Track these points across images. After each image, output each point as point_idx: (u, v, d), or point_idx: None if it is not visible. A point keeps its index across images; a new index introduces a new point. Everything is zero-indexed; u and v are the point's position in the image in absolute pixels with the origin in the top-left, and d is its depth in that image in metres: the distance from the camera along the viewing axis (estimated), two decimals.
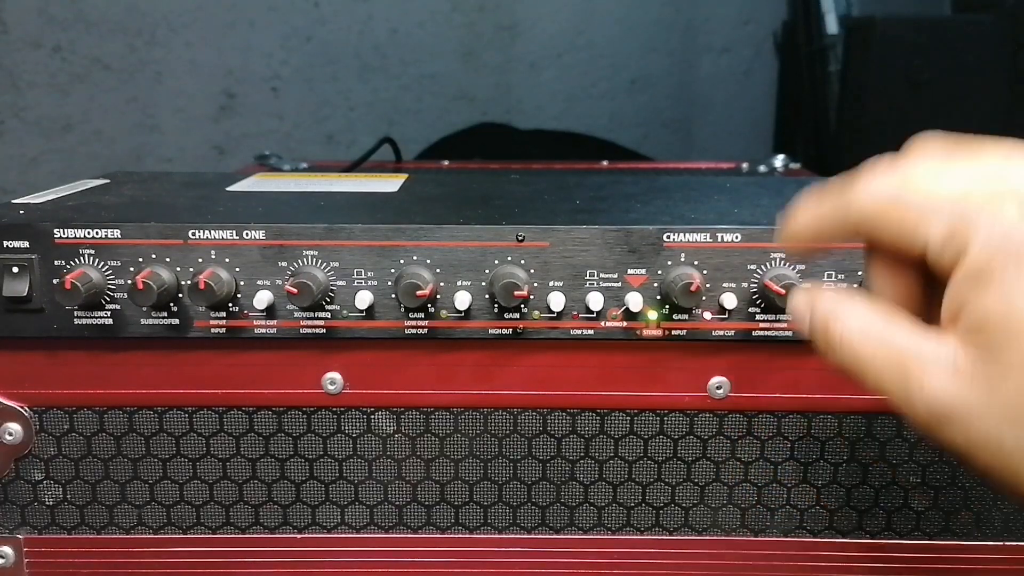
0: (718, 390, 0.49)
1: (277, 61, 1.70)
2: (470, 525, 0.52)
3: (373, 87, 1.74)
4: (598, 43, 1.76)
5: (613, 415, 0.50)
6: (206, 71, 1.69)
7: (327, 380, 0.49)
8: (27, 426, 0.50)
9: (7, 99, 1.65)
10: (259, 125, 1.73)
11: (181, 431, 0.51)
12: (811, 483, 0.51)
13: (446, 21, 1.72)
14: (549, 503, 0.52)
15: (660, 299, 0.47)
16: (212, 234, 0.46)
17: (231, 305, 0.47)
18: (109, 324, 0.47)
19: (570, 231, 0.46)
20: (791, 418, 0.50)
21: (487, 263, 0.47)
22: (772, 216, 0.49)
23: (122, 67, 1.67)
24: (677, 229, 0.46)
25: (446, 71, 1.74)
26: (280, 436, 0.51)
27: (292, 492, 0.52)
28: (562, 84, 1.77)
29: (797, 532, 0.52)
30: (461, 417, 0.51)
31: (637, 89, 1.79)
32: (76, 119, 1.68)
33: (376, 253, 0.46)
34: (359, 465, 0.51)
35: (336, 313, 0.47)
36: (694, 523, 0.52)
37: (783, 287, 0.45)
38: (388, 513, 0.52)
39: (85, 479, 0.51)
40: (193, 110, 1.70)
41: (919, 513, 0.52)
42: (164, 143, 1.71)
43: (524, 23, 1.75)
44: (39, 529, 0.52)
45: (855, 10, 1.36)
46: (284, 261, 0.46)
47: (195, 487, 0.52)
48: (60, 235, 0.46)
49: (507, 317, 0.47)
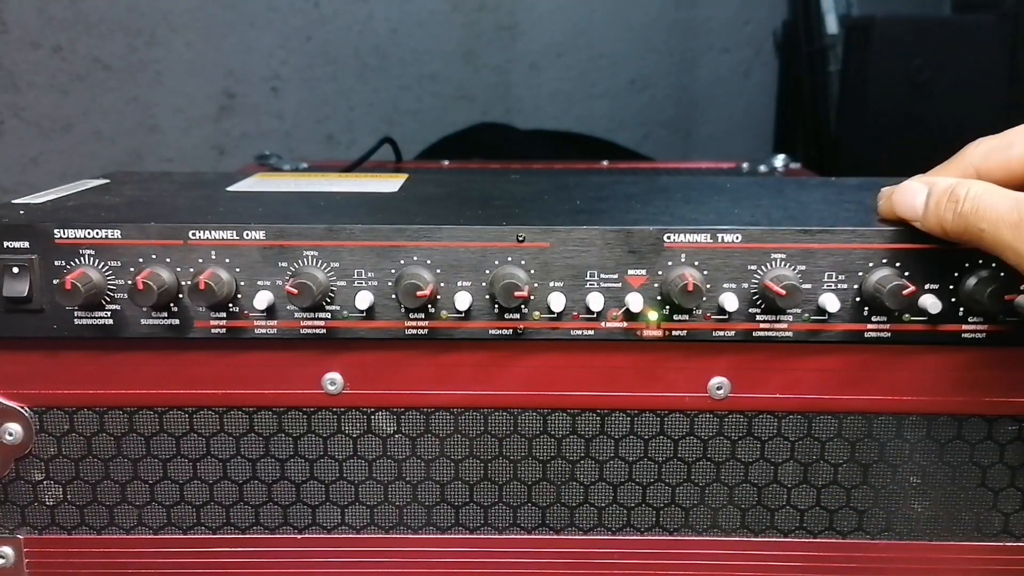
0: (718, 390, 0.49)
1: (277, 61, 1.70)
2: (470, 526, 0.52)
3: (373, 87, 1.74)
4: (598, 43, 1.76)
5: (613, 415, 0.50)
6: (206, 71, 1.69)
7: (327, 380, 0.49)
8: (27, 426, 0.50)
9: (7, 99, 1.65)
10: (259, 125, 1.73)
11: (181, 431, 0.51)
12: (811, 483, 0.51)
13: (446, 21, 1.72)
14: (549, 503, 0.52)
15: (660, 300, 0.47)
16: (212, 234, 0.46)
17: (231, 305, 0.47)
18: (109, 324, 0.47)
19: (570, 231, 0.46)
20: (791, 418, 0.50)
21: (487, 263, 0.47)
22: (772, 216, 0.49)
23: (122, 67, 1.66)
24: (677, 229, 0.46)
25: (446, 71, 1.74)
26: (280, 436, 0.51)
27: (292, 492, 0.52)
28: (562, 84, 1.77)
29: (797, 532, 0.52)
30: (461, 417, 0.51)
31: (637, 89, 1.79)
32: (76, 119, 1.68)
33: (376, 253, 0.46)
34: (359, 465, 0.51)
35: (336, 313, 0.47)
36: (694, 523, 0.52)
37: (783, 287, 0.45)
38: (388, 513, 0.52)
39: (85, 479, 0.51)
40: (193, 110, 1.70)
41: (919, 513, 0.52)
42: (164, 143, 1.71)
43: (524, 23, 1.75)
44: (39, 529, 0.52)
45: (855, 10, 1.36)
46: (284, 261, 0.46)
47: (195, 487, 0.52)
48: (60, 235, 0.46)
49: (507, 318, 0.47)
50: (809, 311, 0.47)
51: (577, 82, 1.78)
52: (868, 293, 0.46)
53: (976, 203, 0.40)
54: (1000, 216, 0.39)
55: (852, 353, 0.48)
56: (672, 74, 1.80)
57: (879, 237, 0.46)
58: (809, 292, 0.46)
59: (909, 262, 0.46)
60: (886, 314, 0.47)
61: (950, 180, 0.42)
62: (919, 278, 0.45)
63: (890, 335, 0.47)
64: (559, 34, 1.75)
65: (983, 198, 0.40)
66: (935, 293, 0.46)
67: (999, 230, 0.39)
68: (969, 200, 0.40)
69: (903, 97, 1.18)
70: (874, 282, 0.46)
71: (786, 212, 0.51)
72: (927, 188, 0.42)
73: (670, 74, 1.80)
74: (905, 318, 0.47)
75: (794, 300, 0.45)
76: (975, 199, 0.40)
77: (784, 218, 0.48)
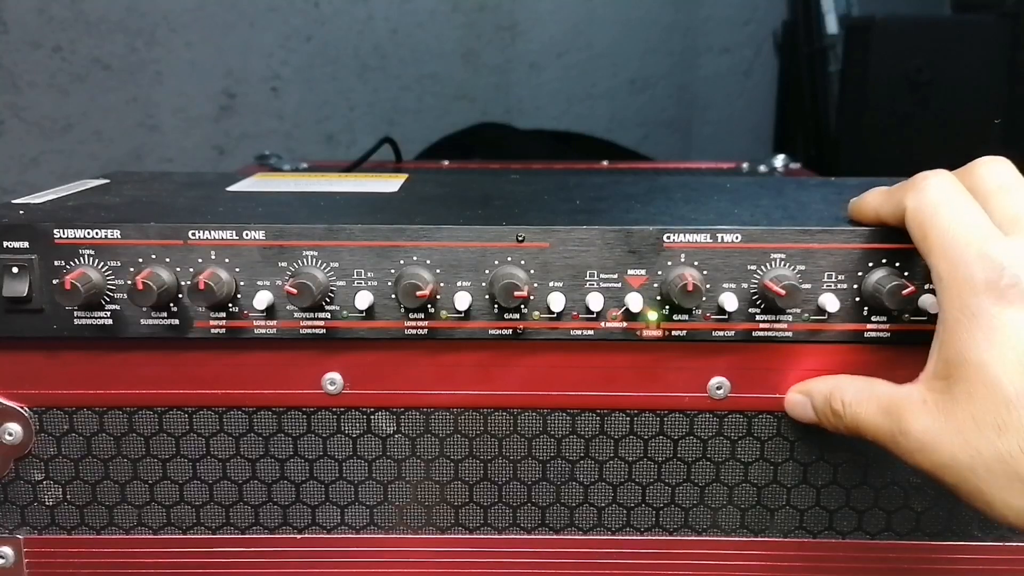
0: (718, 390, 0.49)
1: (277, 61, 1.70)
2: (470, 526, 0.52)
3: (373, 87, 1.74)
4: (598, 43, 1.76)
5: (613, 415, 0.50)
6: (206, 71, 1.69)
7: (327, 380, 0.49)
8: (27, 426, 0.50)
9: (7, 99, 1.65)
10: (259, 125, 1.73)
11: (181, 431, 0.51)
12: (811, 483, 0.51)
13: (446, 21, 1.72)
14: (549, 503, 0.52)
15: (660, 300, 0.47)
16: (212, 234, 0.46)
17: (231, 305, 0.47)
18: (109, 324, 0.47)
19: (570, 231, 0.46)
20: (791, 418, 0.50)
21: (487, 263, 0.47)
22: (772, 216, 0.49)
23: (122, 67, 1.67)
24: (677, 229, 0.46)
25: (446, 71, 1.74)
26: (280, 436, 0.51)
27: (292, 492, 0.52)
28: (562, 84, 1.78)
29: (797, 532, 0.52)
30: (461, 417, 0.51)
31: (637, 89, 1.80)
32: (76, 119, 1.68)
33: (376, 253, 0.46)
34: (359, 465, 0.51)
35: (336, 313, 0.47)
36: (694, 523, 0.52)
37: (783, 288, 0.45)
38: (388, 513, 0.52)
39: (85, 479, 0.51)
40: (193, 110, 1.70)
41: (919, 513, 0.52)
42: (164, 143, 1.71)
43: (524, 23, 1.75)
44: (39, 529, 0.52)
45: (855, 10, 1.37)
46: (284, 261, 0.46)
47: (195, 487, 0.52)
48: (60, 235, 0.46)
49: (507, 317, 0.47)
50: (809, 311, 0.47)
51: (577, 82, 1.78)
52: (868, 293, 0.46)
53: (854, 417, 0.44)
54: (877, 426, 0.43)
55: (852, 353, 0.48)
56: (672, 74, 1.80)
57: (879, 237, 0.46)
58: (809, 292, 0.46)
59: (909, 262, 0.46)
60: (886, 314, 0.47)
61: (823, 390, 0.46)
62: (919, 278, 0.45)
63: (890, 335, 0.47)
64: (559, 34, 1.75)
65: (858, 411, 0.44)
66: (935, 293, 0.46)
67: (879, 436, 0.43)
68: (848, 415, 0.44)
69: (903, 97, 1.19)
70: (874, 282, 0.46)
71: (786, 212, 0.51)
72: (807, 399, 0.47)
73: (670, 74, 1.80)
74: (905, 318, 0.47)
75: (794, 300, 0.45)
76: (852, 413, 0.44)
77: (784, 218, 0.48)
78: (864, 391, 0.44)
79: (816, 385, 0.47)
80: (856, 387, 0.44)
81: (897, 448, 0.41)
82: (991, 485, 0.38)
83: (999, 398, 0.37)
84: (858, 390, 0.44)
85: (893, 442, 0.41)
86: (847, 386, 0.45)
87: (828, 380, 0.47)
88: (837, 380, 0.46)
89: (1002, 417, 0.37)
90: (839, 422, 0.45)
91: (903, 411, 0.41)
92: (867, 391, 0.44)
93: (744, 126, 1.80)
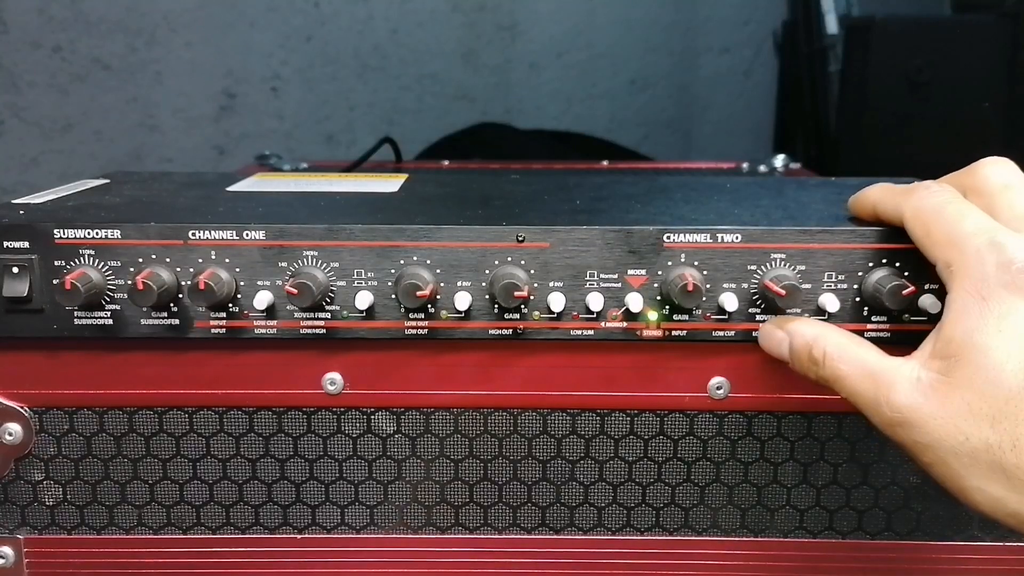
0: (718, 390, 0.49)
1: (277, 61, 1.71)
2: (470, 526, 0.52)
3: (373, 87, 1.74)
4: (598, 43, 1.76)
5: (613, 415, 0.50)
6: (206, 71, 1.69)
7: (327, 380, 0.49)
8: (27, 426, 0.50)
9: (7, 99, 1.65)
10: (259, 125, 1.73)
11: (181, 431, 0.51)
12: (811, 483, 0.51)
13: (446, 21, 1.72)
14: (549, 503, 0.52)
15: (660, 300, 0.47)
16: (212, 234, 0.46)
17: (231, 305, 0.47)
18: (109, 324, 0.47)
19: (570, 231, 0.46)
20: (791, 418, 0.50)
21: (487, 263, 0.47)
22: (772, 216, 0.49)
23: (122, 67, 1.67)
24: (677, 229, 0.46)
25: (446, 71, 1.74)
26: (280, 436, 0.51)
27: (292, 492, 0.52)
28: (562, 84, 1.77)
29: (797, 532, 0.52)
30: (461, 417, 0.51)
31: (637, 89, 1.80)
32: (76, 119, 1.68)
33: (376, 253, 0.46)
34: (359, 465, 0.51)
35: (336, 313, 0.47)
36: (694, 523, 0.52)
37: (783, 288, 0.45)
38: (388, 513, 0.52)
39: (85, 479, 0.51)
40: (193, 110, 1.70)
41: (919, 513, 0.52)
42: (164, 143, 1.71)
43: (524, 23, 1.75)
44: (39, 529, 0.52)
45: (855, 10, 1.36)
46: (284, 261, 0.46)
47: (195, 487, 0.52)
48: (60, 235, 0.46)
49: (507, 317, 0.47)
50: (809, 311, 0.47)
51: (577, 82, 1.78)
52: (868, 293, 0.46)
53: (835, 371, 0.42)
54: (858, 389, 0.41)
55: None
56: (672, 74, 1.80)
57: (879, 237, 0.46)
58: (809, 292, 0.46)
59: (909, 262, 0.46)
60: (886, 314, 0.47)
61: (806, 334, 0.44)
62: (919, 278, 0.45)
63: (890, 335, 0.47)
64: (559, 34, 1.75)
65: (840, 367, 0.42)
66: (935, 293, 0.46)
67: (858, 398, 0.42)
68: (828, 367, 0.43)
69: (903, 97, 1.18)
70: (874, 282, 0.46)
71: (786, 212, 0.51)
72: (787, 338, 0.45)
73: (670, 74, 1.80)
74: (905, 318, 0.47)
75: (794, 300, 0.45)
76: (833, 366, 0.42)
77: (784, 218, 0.48)
78: (850, 349, 0.42)
79: (799, 327, 0.45)
80: (841, 342, 0.43)
81: (876, 415, 0.40)
82: (971, 471, 0.38)
83: (1000, 389, 0.37)
84: (842, 346, 0.43)
85: (874, 409, 0.40)
86: (832, 338, 0.43)
87: (814, 326, 0.44)
88: (823, 328, 0.44)
89: (999, 409, 0.37)
90: (814, 370, 0.43)
91: (893, 382, 0.40)
92: (853, 350, 0.42)
93: (744, 126, 1.80)
